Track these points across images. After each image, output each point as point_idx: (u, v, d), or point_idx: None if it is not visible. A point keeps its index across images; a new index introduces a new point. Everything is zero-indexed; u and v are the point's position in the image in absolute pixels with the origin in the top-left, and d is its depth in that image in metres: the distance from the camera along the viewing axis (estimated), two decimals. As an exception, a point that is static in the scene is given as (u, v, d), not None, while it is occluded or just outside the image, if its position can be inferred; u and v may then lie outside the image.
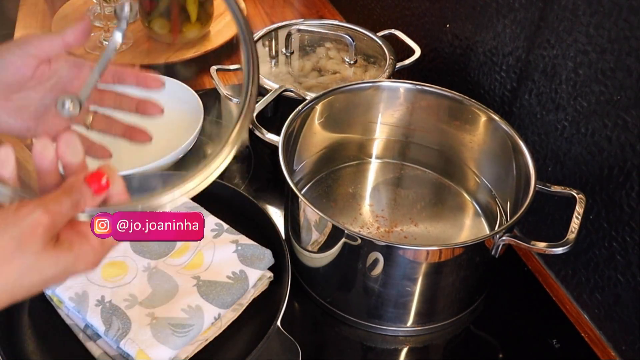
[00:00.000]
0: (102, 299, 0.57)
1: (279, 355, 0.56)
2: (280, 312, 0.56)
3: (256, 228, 0.67)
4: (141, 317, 0.56)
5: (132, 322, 0.55)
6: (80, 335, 0.57)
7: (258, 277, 0.61)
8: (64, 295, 0.58)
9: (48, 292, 0.59)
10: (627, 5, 0.54)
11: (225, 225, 0.67)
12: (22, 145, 0.76)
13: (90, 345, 0.56)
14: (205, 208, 0.69)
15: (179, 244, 0.65)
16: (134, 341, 0.54)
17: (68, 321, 0.58)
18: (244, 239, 0.65)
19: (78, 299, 0.57)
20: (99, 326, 0.55)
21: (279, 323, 0.56)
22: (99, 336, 0.56)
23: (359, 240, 0.55)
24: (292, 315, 0.64)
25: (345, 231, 0.55)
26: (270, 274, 0.63)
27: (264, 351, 0.54)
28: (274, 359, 0.56)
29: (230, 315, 0.58)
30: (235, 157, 0.89)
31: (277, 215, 0.76)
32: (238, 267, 0.61)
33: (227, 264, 0.61)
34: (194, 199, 0.69)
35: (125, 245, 0.63)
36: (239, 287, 0.59)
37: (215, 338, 0.57)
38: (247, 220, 0.68)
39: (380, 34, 0.93)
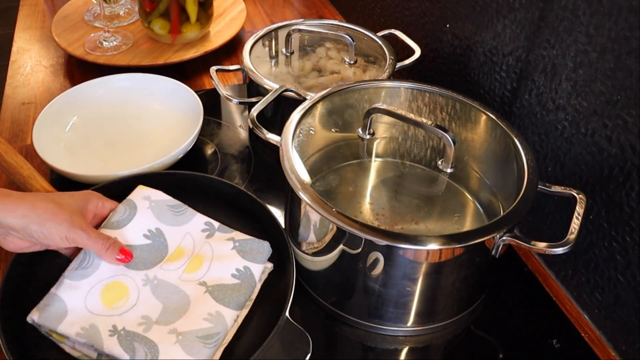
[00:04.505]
0: (114, 328, 0.54)
1: (290, 345, 0.56)
2: (288, 302, 0.56)
3: (256, 222, 0.67)
4: (164, 336, 0.54)
5: (157, 343, 0.53)
6: None
7: (262, 271, 0.62)
8: (69, 332, 0.54)
9: (43, 332, 0.55)
10: (627, 5, 0.54)
11: (216, 224, 0.65)
12: (15, 151, 0.75)
13: None
14: (204, 204, 0.68)
15: (171, 249, 0.63)
16: None
17: (75, 354, 0.55)
18: (238, 235, 0.64)
19: (87, 333, 0.54)
20: (121, 355, 0.52)
21: (287, 313, 0.56)
22: None
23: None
24: (292, 315, 0.64)
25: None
26: (270, 265, 0.63)
27: (275, 342, 0.54)
28: (285, 349, 0.56)
29: (243, 313, 0.59)
30: (235, 157, 0.89)
31: (277, 215, 0.75)
32: (241, 264, 0.61)
33: (229, 263, 0.61)
34: (188, 200, 0.69)
35: (117, 265, 0.60)
36: (247, 286, 0.59)
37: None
38: (245, 214, 0.68)
39: (380, 34, 0.93)
